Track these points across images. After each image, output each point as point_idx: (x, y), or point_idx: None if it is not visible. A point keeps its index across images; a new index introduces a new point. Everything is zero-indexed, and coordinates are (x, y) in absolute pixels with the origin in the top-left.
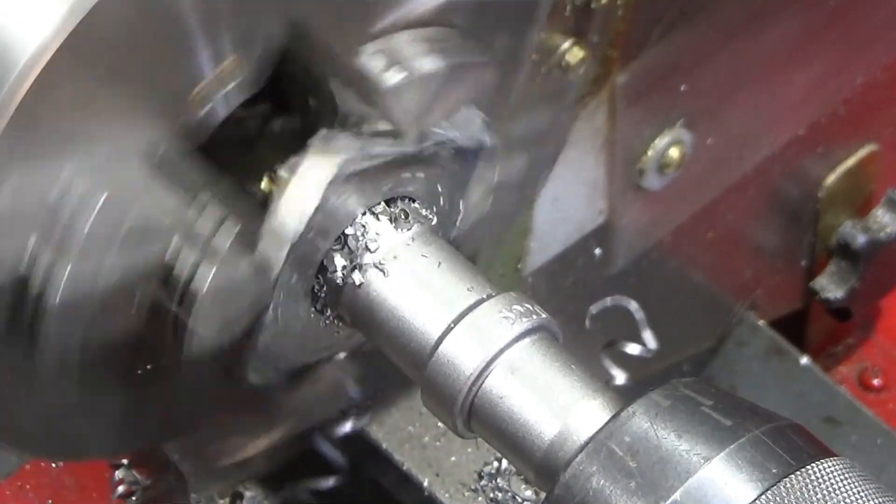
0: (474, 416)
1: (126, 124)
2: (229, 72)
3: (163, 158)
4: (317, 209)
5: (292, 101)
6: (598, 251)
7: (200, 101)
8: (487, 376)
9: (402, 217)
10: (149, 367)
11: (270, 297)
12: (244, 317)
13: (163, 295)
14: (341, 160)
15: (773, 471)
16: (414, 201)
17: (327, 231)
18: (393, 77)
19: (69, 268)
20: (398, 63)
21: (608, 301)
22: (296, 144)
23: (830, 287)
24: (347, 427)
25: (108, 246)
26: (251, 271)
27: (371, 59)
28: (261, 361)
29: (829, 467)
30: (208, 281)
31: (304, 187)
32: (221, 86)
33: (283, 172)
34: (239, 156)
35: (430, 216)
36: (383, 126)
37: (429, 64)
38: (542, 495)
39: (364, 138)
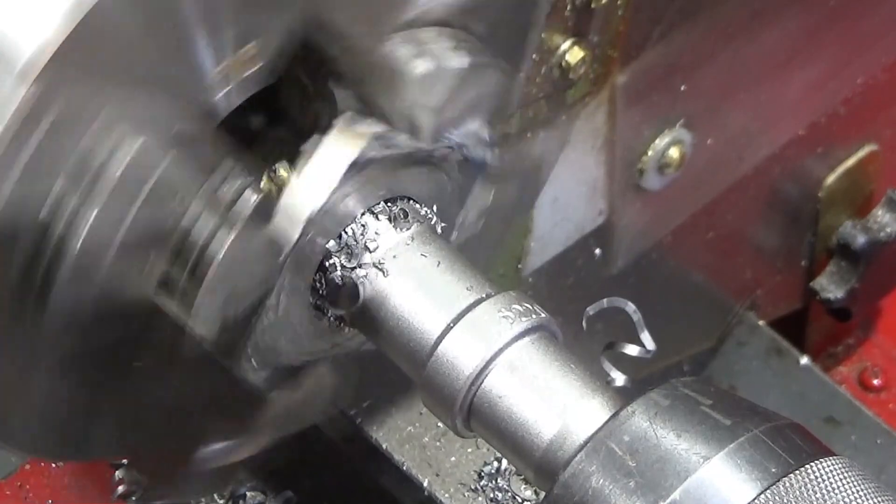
0: (474, 415)
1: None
2: (249, 58)
3: (185, 133)
4: (335, 189)
5: (289, 109)
6: (598, 251)
7: (217, 85)
8: (487, 376)
9: (402, 216)
10: (150, 360)
11: (277, 276)
12: (250, 294)
13: (176, 261)
14: (365, 142)
15: (773, 470)
16: (413, 201)
17: (327, 230)
18: (422, 65)
19: (95, 213)
20: (426, 54)
21: (605, 302)
22: (292, 147)
23: (830, 287)
24: None
25: (134, 196)
26: (266, 243)
27: (400, 48)
28: (257, 354)
29: (828, 467)
30: (226, 246)
31: (325, 165)
32: (240, 71)
33: (306, 147)
34: (241, 151)
35: (430, 216)
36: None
37: (457, 59)
38: (542, 495)
39: (386, 127)
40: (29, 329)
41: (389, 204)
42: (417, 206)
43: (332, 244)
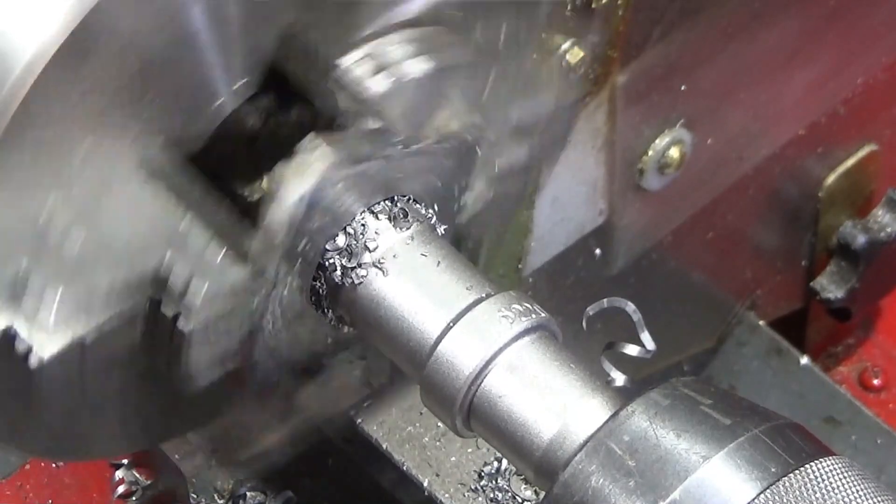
0: (473, 415)
1: (118, 137)
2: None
3: (157, 170)
4: (303, 216)
5: (295, 96)
6: (598, 251)
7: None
8: (486, 375)
9: (402, 216)
10: (149, 366)
11: (266, 304)
12: (241, 325)
13: (158, 309)
14: (326, 166)
15: (772, 470)
16: (413, 200)
17: (327, 230)
18: (380, 84)
19: (61, 289)
20: (386, 68)
21: (605, 302)
22: (297, 141)
23: (830, 287)
24: None
25: (98, 266)
26: (244, 281)
27: (358, 66)
28: (265, 368)
29: (828, 466)
30: (202, 294)
31: (289, 198)
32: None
33: (269, 181)
34: (240, 155)
35: (430, 215)
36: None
37: (417, 67)
38: (542, 495)
39: (352, 142)
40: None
41: (389, 203)
42: (417, 205)
43: (332, 244)
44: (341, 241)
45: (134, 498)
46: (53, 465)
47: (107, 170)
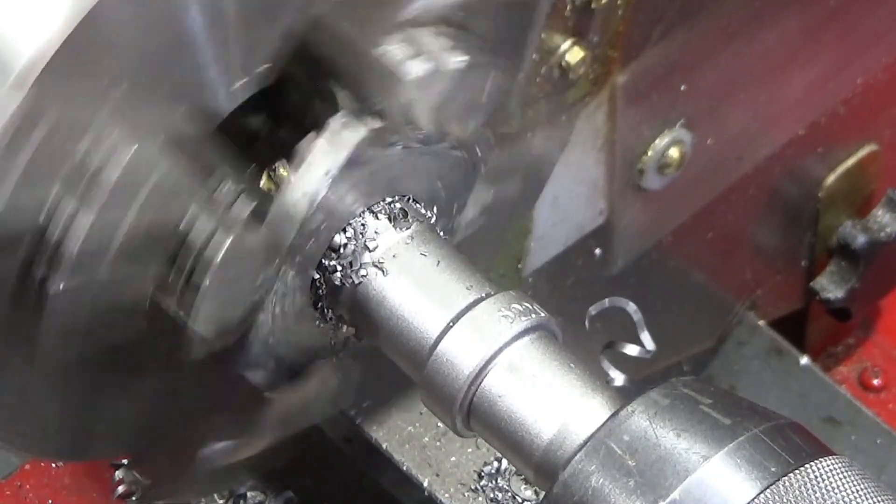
0: (473, 414)
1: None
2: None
3: (182, 136)
4: (329, 188)
5: (289, 110)
6: (598, 251)
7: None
8: (486, 375)
9: (402, 216)
10: (149, 361)
11: (275, 278)
12: (249, 295)
13: (173, 264)
14: (358, 141)
15: (772, 469)
16: (413, 200)
17: (327, 229)
18: (418, 67)
19: (91, 218)
20: (423, 54)
21: (606, 302)
22: (292, 147)
23: (830, 287)
24: None
25: (131, 200)
26: (263, 245)
27: (396, 49)
28: (257, 355)
29: (828, 466)
30: (223, 250)
31: (317, 169)
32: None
33: (300, 146)
34: (237, 156)
35: (430, 215)
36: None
37: (455, 58)
38: (542, 495)
39: (380, 126)
40: (27, 333)
41: (389, 203)
42: (417, 205)
43: (331, 243)
44: (341, 240)
45: (134, 498)
46: (53, 466)
47: (134, 120)
